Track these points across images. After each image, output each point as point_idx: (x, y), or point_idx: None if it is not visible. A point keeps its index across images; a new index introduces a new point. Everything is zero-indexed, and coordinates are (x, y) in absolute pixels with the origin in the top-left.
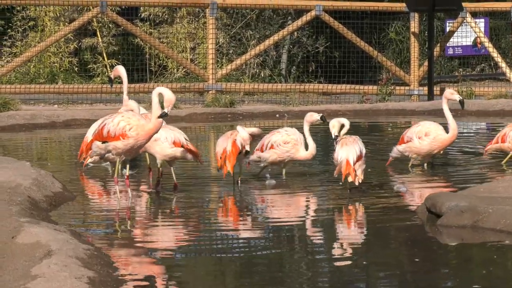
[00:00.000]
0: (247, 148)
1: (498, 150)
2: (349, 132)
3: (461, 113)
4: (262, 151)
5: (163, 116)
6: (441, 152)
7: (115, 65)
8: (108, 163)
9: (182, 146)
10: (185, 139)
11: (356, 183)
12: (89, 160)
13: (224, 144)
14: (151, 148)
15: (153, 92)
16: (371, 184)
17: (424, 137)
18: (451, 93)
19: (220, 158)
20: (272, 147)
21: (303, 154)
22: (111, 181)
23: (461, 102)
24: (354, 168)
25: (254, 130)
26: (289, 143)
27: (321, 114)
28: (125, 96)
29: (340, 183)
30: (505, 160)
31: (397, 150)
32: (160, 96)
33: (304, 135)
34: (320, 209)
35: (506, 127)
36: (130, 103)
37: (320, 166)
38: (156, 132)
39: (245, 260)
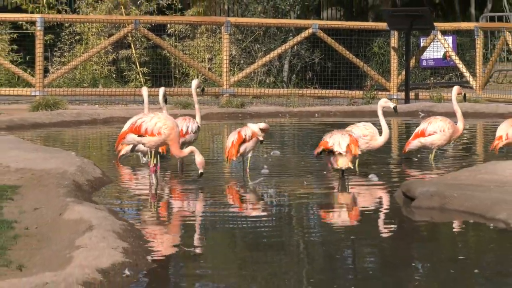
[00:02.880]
0: (261, 138)
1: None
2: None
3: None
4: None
5: (200, 176)
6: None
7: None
8: (139, 153)
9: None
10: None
11: (351, 166)
12: (123, 152)
13: (233, 137)
14: None
15: (192, 149)
16: (359, 172)
17: (447, 130)
18: (459, 90)
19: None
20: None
21: (380, 141)
22: (142, 168)
23: (464, 97)
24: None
25: (262, 125)
26: (367, 136)
27: (394, 105)
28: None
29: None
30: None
31: (420, 142)
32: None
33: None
34: (316, 193)
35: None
36: (143, 89)
37: (313, 157)
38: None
39: (250, 233)
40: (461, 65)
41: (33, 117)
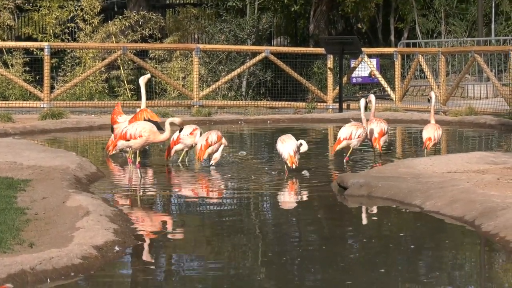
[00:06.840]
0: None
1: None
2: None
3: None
4: (351, 139)
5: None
6: None
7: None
8: (122, 152)
9: None
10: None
11: (293, 167)
12: (113, 152)
13: (202, 142)
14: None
15: (166, 121)
16: (302, 168)
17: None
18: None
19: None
20: (359, 136)
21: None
22: (128, 165)
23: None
24: (293, 157)
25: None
26: (364, 131)
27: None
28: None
29: (279, 174)
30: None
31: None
32: (172, 124)
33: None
34: (269, 185)
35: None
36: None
37: (267, 156)
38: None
39: (216, 216)
40: (383, 82)
41: (42, 124)
